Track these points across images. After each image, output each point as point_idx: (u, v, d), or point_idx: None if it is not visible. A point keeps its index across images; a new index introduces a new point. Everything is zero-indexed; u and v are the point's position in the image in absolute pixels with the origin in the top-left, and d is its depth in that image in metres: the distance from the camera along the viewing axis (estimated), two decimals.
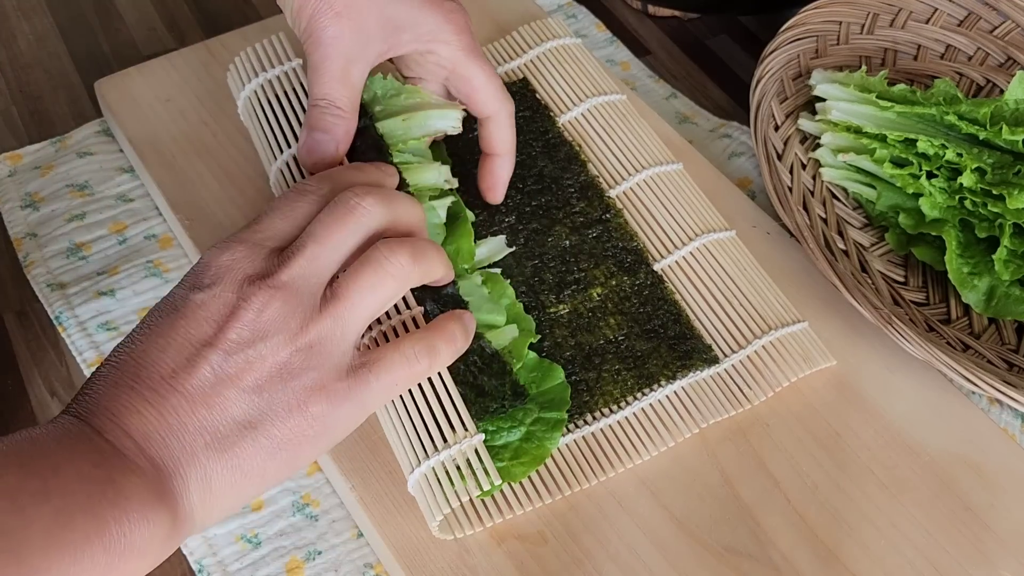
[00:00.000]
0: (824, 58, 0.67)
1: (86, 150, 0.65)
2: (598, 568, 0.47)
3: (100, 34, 0.74)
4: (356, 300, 0.41)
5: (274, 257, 0.41)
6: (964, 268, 0.57)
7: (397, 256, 0.43)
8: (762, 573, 0.47)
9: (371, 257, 0.42)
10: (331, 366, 0.41)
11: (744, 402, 0.52)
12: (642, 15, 0.77)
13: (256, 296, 0.40)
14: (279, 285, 0.40)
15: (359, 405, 0.41)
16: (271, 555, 0.49)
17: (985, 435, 0.52)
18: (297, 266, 0.41)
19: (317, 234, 0.42)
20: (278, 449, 0.39)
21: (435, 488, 0.45)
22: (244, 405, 0.39)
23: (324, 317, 0.41)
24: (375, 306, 0.42)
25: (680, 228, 0.57)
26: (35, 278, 0.59)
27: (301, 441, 0.40)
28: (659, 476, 0.49)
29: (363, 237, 0.43)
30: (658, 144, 0.61)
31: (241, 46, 0.67)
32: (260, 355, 0.39)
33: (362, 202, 0.43)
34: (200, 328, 0.39)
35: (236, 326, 0.39)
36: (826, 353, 0.53)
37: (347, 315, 0.41)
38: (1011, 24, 0.69)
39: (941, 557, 0.48)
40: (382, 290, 0.42)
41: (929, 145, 0.59)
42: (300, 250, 0.41)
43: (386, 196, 0.44)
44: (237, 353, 0.39)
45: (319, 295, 0.41)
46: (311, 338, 0.40)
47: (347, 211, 0.43)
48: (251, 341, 0.39)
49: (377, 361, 0.42)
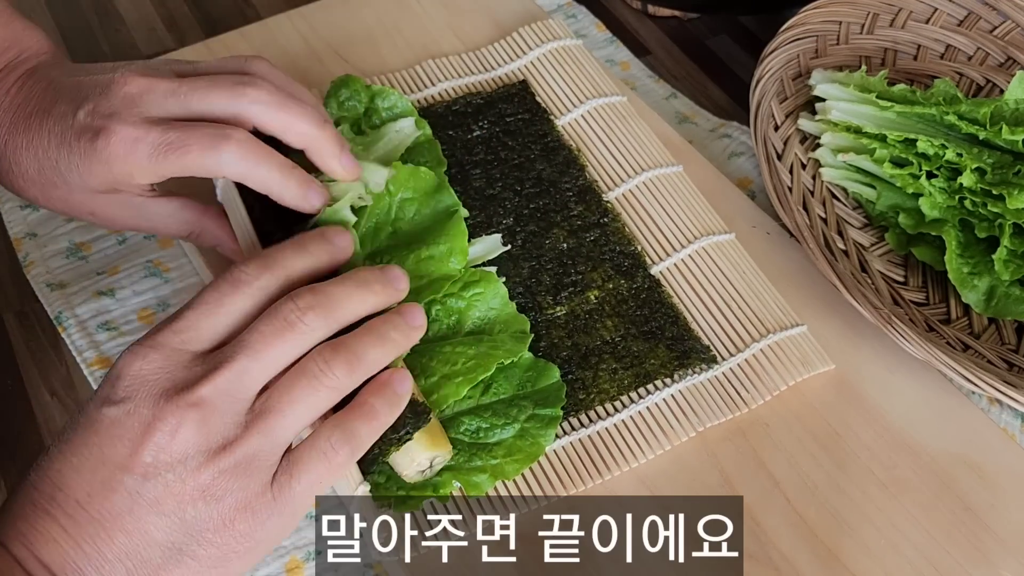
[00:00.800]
0: (824, 58, 0.67)
1: None
2: (598, 568, 0.47)
3: (100, 34, 0.74)
4: (288, 413, 0.39)
5: (197, 364, 0.38)
6: (964, 268, 0.57)
7: (333, 368, 0.40)
8: (762, 573, 0.47)
9: (307, 369, 0.39)
10: (256, 484, 0.38)
11: (742, 405, 0.52)
12: (642, 15, 0.77)
13: (171, 415, 0.37)
14: (197, 402, 0.37)
15: (286, 515, 0.39)
16: (271, 555, 0.49)
17: (985, 435, 0.52)
18: (223, 380, 0.38)
19: (251, 346, 0.38)
20: (207, 569, 0.38)
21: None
22: (167, 529, 0.37)
23: (251, 434, 0.38)
24: (307, 418, 0.40)
25: (679, 231, 0.57)
26: (35, 278, 0.59)
27: (230, 557, 0.38)
28: (659, 476, 0.49)
29: (301, 352, 0.40)
30: (658, 146, 0.61)
31: (241, 46, 0.67)
32: (179, 478, 0.37)
33: (303, 318, 0.39)
34: (114, 448, 0.37)
35: (150, 448, 0.37)
36: (824, 357, 0.53)
37: (277, 430, 0.39)
38: (1011, 24, 0.69)
39: (941, 557, 0.48)
40: (315, 402, 0.39)
41: (929, 145, 0.59)
42: (229, 362, 0.38)
43: (329, 307, 0.40)
44: (154, 477, 0.37)
45: (245, 411, 0.38)
46: (236, 458, 0.38)
47: (287, 326, 0.39)
48: (169, 464, 0.37)
49: (295, 464, 0.39)
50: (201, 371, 0.38)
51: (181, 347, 0.39)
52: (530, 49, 0.66)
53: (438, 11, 0.70)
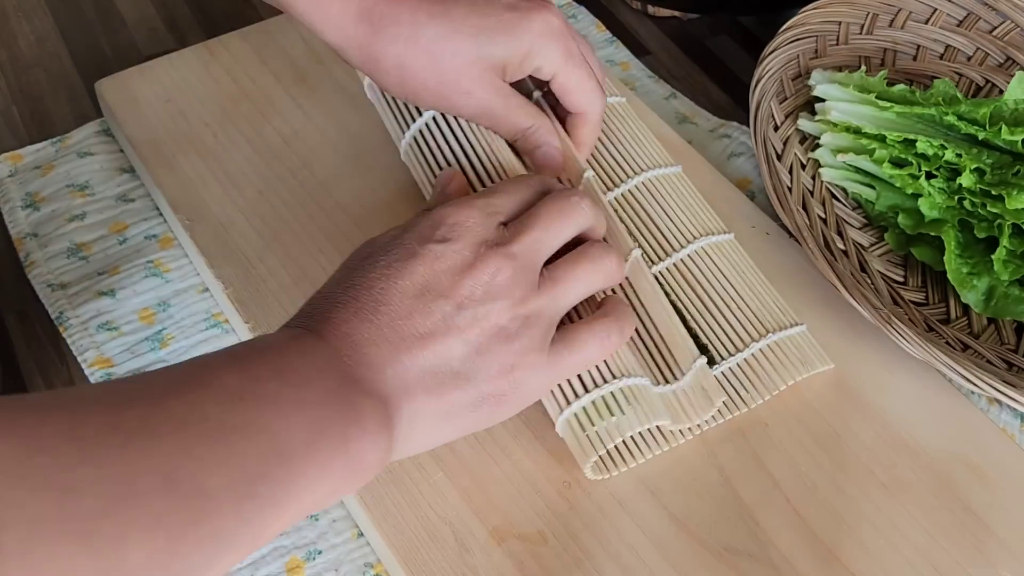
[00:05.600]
0: (824, 58, 0.68)
1: (86, 150, 0.65)
2: (598, 568, 0.47)
3: (100, 34, 0.74)
4: (570, 285, 0.46)
5: (502, 228, 0.45)
6: (963, 268, 0.57)
7: (610, 257, 0.48)
8: (761, 573, 0.47)
9: (589, 253, 0.47)
10: (539, 338, 0.44)
11: (741, 405, 0.52)
12: (642, 15, 0.77)
13: (492, 260, 0.43)
14: (512, 255, 0.44)
15: (553, 376, 0.45)
16: (271, 555, 0.49)
17: (984, 435, 0.52)
18: (527, 242, 0.44)
19: (543, 219, 0.46)
20: (481, 403, 0.43)
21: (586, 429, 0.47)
22: (463, 357, 0.42)
23: (542, 294, 0.44)
24: (582, 294, 0.47)
25: (677, 231, 0.57)
26: (36, 278, 0.59)
27: (500, 401, 0.43)
28: (659, 476, 0.50)
29: (577, 232, 0.48)
30: (656, 147, 0.61)
31: (241, 47, 0.67)
32: (486, 314, 0.42)
33: (582, 202, 0.47)
34: (438, 279, 0.42)
35: (471, 283, 0.42)
36: (824, 356, 0.54)
37: (560, 296, 0.45)
38: (1010, 24, 0.70)
39: (940, 557, 0.48)
40: (591, 282, 0.47)
41: (928, 145, 0.59)
42: (529, 229, 0.45)
43: (594, 203, 0.48)
44: (467, 308, 0.42)
45: (538, 273, 0.45)
46: (529, 310, 0.44)
47: (570, 206, 0.47)
48: (481, 300, 0.43)
49: (574, 339, 0.46)
50: (508, 234, 0.45)
51: (492, 214, 0.45)
52: None
53: None
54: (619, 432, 0.47)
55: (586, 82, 0.54)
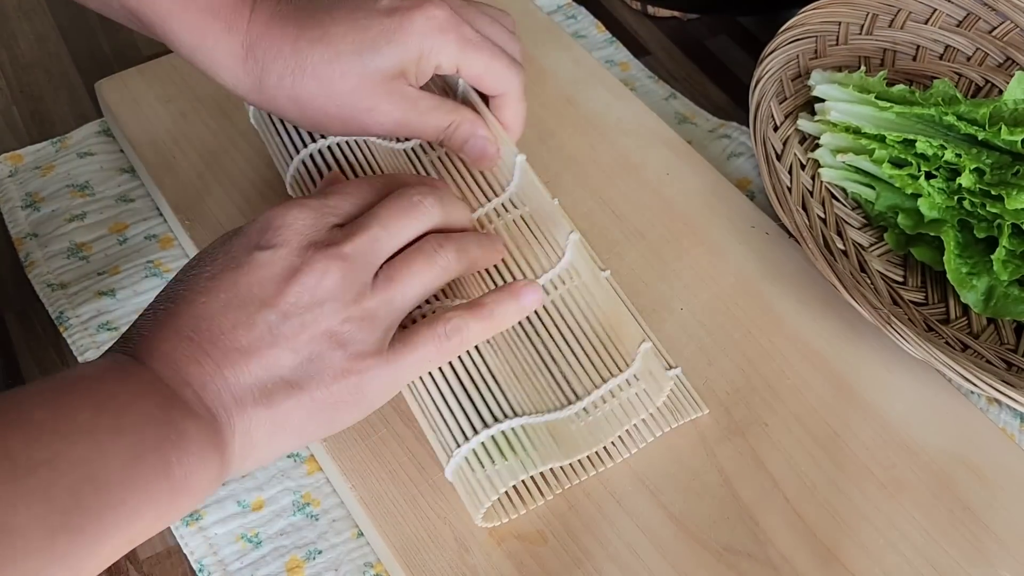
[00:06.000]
0: (823, 58, 0.68)
1: (87, 150, 0.65)
2: (597, 567, 0.47)
3: (101, 34, 0.74)
4: (406, 283, 0.44)
5: (336, 230, 0.44)
6: (963, 268, 0.57)
7: (445, 250, 0.46)
8: (761, 572, 0.47)
9: (423, 248, 0.46)
10: (373, 341, 0.43)
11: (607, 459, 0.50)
12: (642, 16, 0.77)
13: (319, 263, 0.42)
14: (342, 256, 0.43)
15: (393, 378, 0.44)
16: (271, 554, 0.49)
17: (984, 435, 0.52)
18: (360, 242, 0.43)
19: (382, 219, 0.45)
20: (318, 410, 0.42)
21: (478, 474, 0.45)
22: (292, 366, 0.41)
23: (376, 294, 0.43)
24: (420, 292, 0.45)
25: None
26: (36, 278, 0.59)
27: (339, 406, 0.42)
28: (658, 475, 0.50)
29: (420, 231, 0.46)
30: None
31: None
32: (314, 320, 0.41)
33: (424, 200, 0.46)
34: (262, 288, 0.41)
35: (296, 289, 0.41)
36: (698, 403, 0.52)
37: (396, 296, 0.44)
38: (1010, 24, 0.70)
39: (939, 556, 0.48)
40: (429, 278, 0.45)
41: (928, 145, 0.59)
42: (365, 229, 0.44)
43: (442, 198, 0.48)
44: (293, 316, 0.41)
45: (372, 274, 0.44)
46: (362, 311, 0.43)
47: (411, 205, 0.46)
48: (308, 306, 0.41)
49: (413, 337, 0.44)
50: (341, 235, 0.44)
51: (326, 214, 0.44)
52: None
53: None
54: (510, 477, 0.45)
55: (494, 63, 0.51)
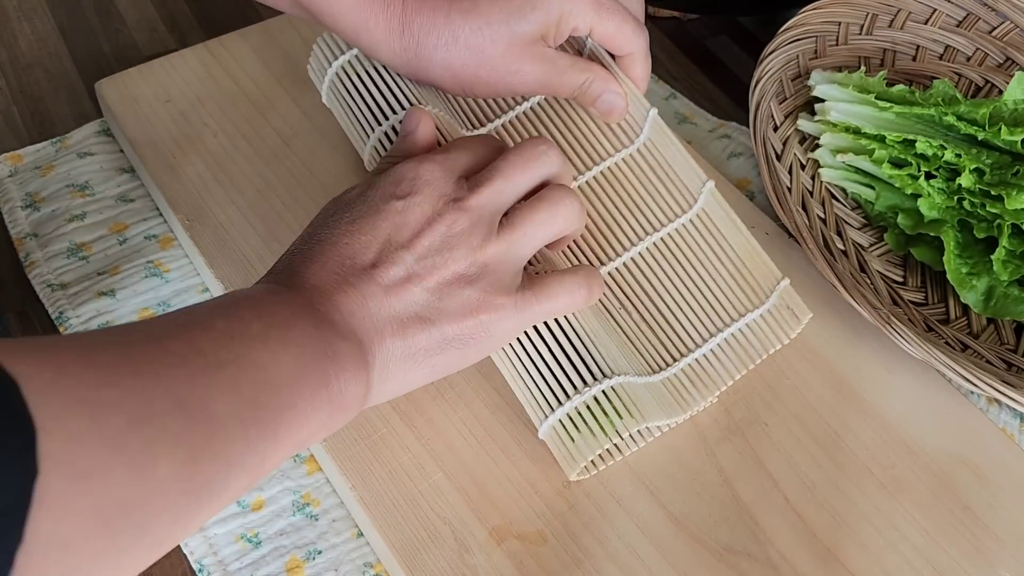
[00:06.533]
0: (823, 59, 0.68)
1: (87, 150, 0.65)
2: (597, 567, 0.47)
3: (101, 35, 0.74)
4: (529, 231, 0.47)
5: (462, 182, 0.47)
6: (963, 268, 0.57)
7: (570, 199, 0.49)
8: (761, 572, 0.47)
9: (547, 196, 0.49)
10: (500, 283, 0.46)
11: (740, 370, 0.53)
12: None
13: (449, 213, 0.46)
14: (468, 208, 0.46)
15: (518, 321, 0.47)
16: (271, 554, 0.49)
17: (983, 435, 0.52)
18: (485, 195, 0.47)
19: (504, 170, 0.48)
20: (447, 345, 0.45)
21: (572, 434, 0.48)
22: (425, 302, 0.44)
23: (500, 241, 0.46)
24: (543, 239, 0.48)
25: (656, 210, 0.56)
26: (36, 278, 0.59)
27: (466, 342, 0.45)
28: (658, 475, 0.50)
29: (540, 180, 0.49)
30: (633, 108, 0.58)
31: (242, 47, 0.67)
32: (445, 262, 0.45)
33: (548, 151, 0.49)
34: (399, 232, 0.45)
35: (430, 235, 0.45)
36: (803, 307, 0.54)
37: (519, 243, 0.47)
38: (1010, 25, 0.70)
39: (939, 557, 0.48)
40: (551, 226, 0.48)
41: (928, 146, 0.59)
42: (488, 181, 0.47)
43: (560, 153, 0.50)
44: (427, 257, 0.45)
45: (496, 221, 0.47)
46: (487, 256, 0.46)
47: (534, 155, 0.49)
48: (439, 249, 0.45)
49: (541, 286, 0.48)
50: (468, 186, 0.47)
51: (451, 169, 0.47)
52: None
53: None
54: (607, 438, 0.48)
55: (624, 26, 0.55)
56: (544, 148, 0.50)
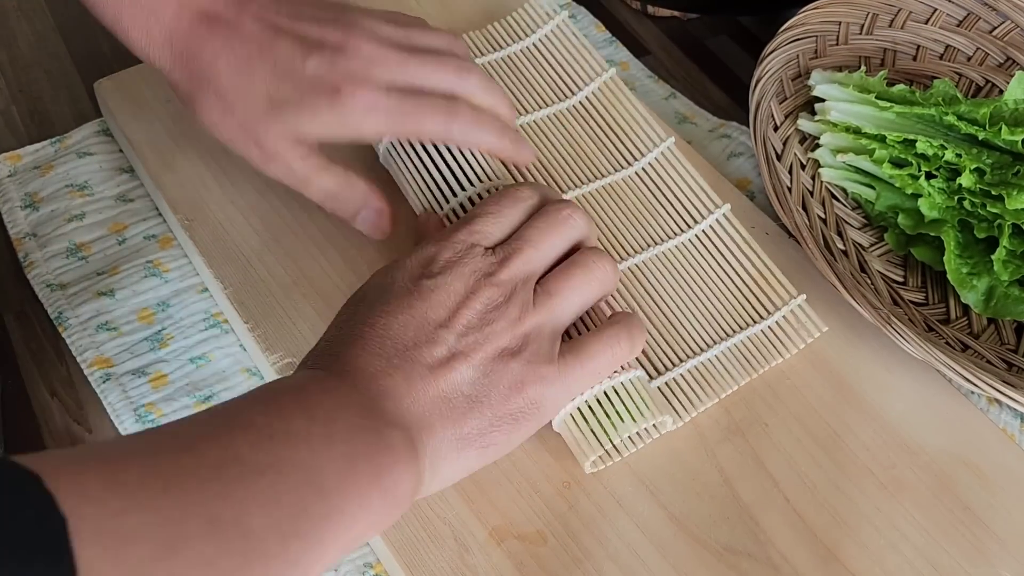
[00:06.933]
0: (823, 58, 0.68)
1: (86, 150, 0.65)
2: (598, 568, 0.47)
3: (100, 34, 0.74)
4: (566, 296, 0.47)
5: (490, 255, 0.47)
6: (963, 268, 0.57)
7: (603, 263, 0.49)
8: (761, 572, 0.47)
9: (580, 261, 0.48)
10: (543, 353, 0.45)
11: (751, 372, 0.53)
12: (642, 15, 0.77)
13: (484, 289, 0.45)
14: (501, 282, 0.45)
15: (566, 388, 0.46)
16: None
17: (984, 435, 0.52)
18: (515, 266, 0.46)
19: (532, 239, 0.47)
20: (499, 423, 0.44)
21: (584, 426, 0.48)
22: (472, 381, 0.43)
23: (539, 310, 0.46)
24: (580, 303, 0.48)
25: (675, 216, 0.59)
26: (35, 278, 0.59)
27: (518, 418, 0.44)
28: (658, 475, 0.50)
29: (569, 245, 0.49)
30: (645, 124, 0.62)
31: None
32: (487, 338, 0.44)
33: (574, 215, 0.49)
34: (435, 311, 0.44)
35: (467, 313, 0.44)
36: (819, 322, 0.55)
37: (557, 309, 0.47)
38: (1010, 24, 0.70)
39: (940, 557, 0.48)
40: (588, 290, 0.48)
41: (928, 145, 0.59)
42: (518, 253, 0.47)
43: (585, 212, 0.50)
44: (468, 335, 0.44)
45: (531, 291, 0.46)
46: (527, 328, 0.45)
47: (560, 221, 0.49)
48: (479, 326, 0.44)
49: (582, 348, 0.47)
50: (496, 260, 0.46)
51: (478, 243, 0.47)
52: (507, 44, 0.66)
53: (440, 13, 0.70)
54: (618, 432, 0.47)
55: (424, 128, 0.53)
56: (568, 212, 0.49)
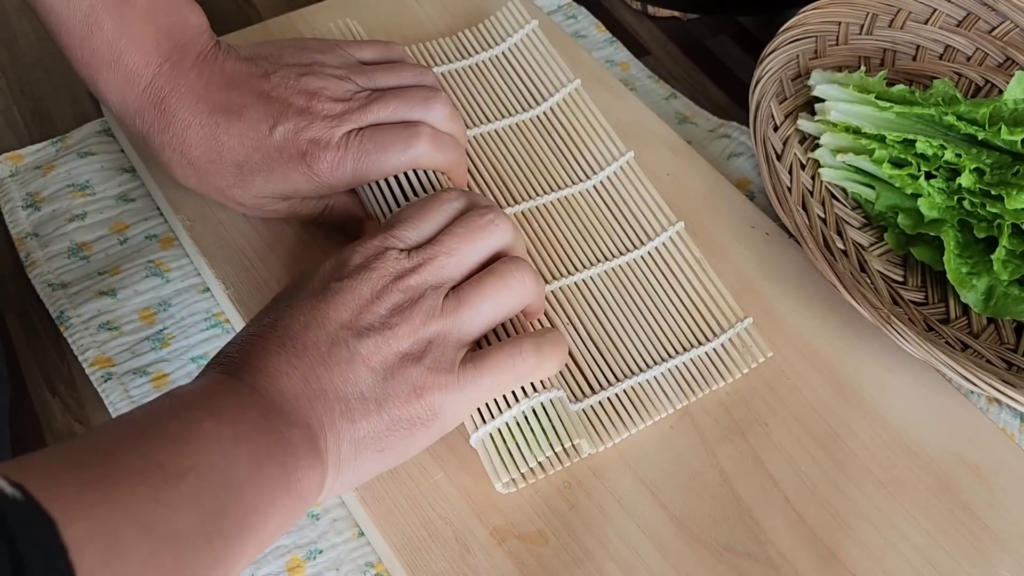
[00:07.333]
0: (823, 58, 0.68)
1: (87, 150, 0.65)
2: (598, 567, 0.47)
3: None
4: (475, 305, 0.46)
5: (403, 259, 0.46)
6: (963, 268, 0.57)
7: (522, 273, 0.47)
8: (761, 572, 0.47)
9: (496, 270, 0.47)
10: (445, 360, 0.44)
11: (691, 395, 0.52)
12: (642, 16, 0.77)
13: (389, 295, 0.45)
14: (408, 288, 0.45)
15: (465, 398, 0.45)
16: (272, 554, 0.49)
17: (984, 435, 0.52)
18: (427, 272, 0.46)
19: (448, 246, 0.47)
20: (395, 428, 0.43)
21: (500, 446, 0.47)
22: (370, 384, 0.43)
23: (445, 317, 0.45)
24: (492, 313, 0.47)
25: (629, 231, 0.58)
26: (36, 278, 0.59)
27: (415, 424, 0.44)
28: (658, 475, 0.50)
29: (490, 252, 0.48)
30: (604, 137, 0.62)
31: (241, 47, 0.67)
32: (387, 342, 0.44)
33: (496, 221, 0.48)
34: (338, 312, 0.44)
35: (368, 316, 0.44)
36: (764, 347, 0.54)
37: (465, 317, 0.46)
38: (1010, 24, 0.70)
39: (940, 557, 0.48)
40: (501, 300, 0.47)
41: (928, 145, 0.59)
42: (431, 259, 0.46)
43: (509, 222, 0.49)
44: (368, 338, 0.43)
45: (442, 297, 0.45)
46: (430, 334, 0.44)
47: (480, 227, 0.47)
48: (380, 329, 0.44)
49: (483, 360, 0.45)
50: (409, 265, 0.46)
51: (393, 246, 0.46)
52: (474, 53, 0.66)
53: (440, 15, 0.70)
54: (533, 454, 0.47)
55: (389, 164, 0.53)
56: (491, 218, 0.48)
